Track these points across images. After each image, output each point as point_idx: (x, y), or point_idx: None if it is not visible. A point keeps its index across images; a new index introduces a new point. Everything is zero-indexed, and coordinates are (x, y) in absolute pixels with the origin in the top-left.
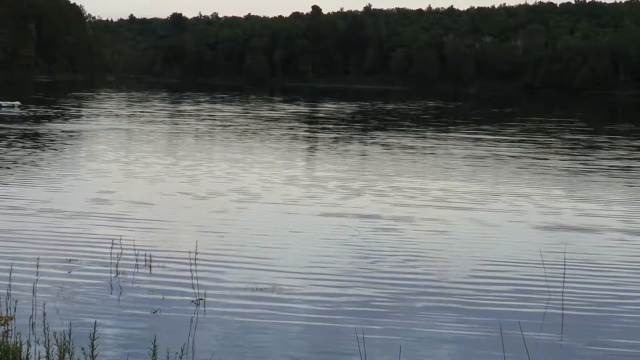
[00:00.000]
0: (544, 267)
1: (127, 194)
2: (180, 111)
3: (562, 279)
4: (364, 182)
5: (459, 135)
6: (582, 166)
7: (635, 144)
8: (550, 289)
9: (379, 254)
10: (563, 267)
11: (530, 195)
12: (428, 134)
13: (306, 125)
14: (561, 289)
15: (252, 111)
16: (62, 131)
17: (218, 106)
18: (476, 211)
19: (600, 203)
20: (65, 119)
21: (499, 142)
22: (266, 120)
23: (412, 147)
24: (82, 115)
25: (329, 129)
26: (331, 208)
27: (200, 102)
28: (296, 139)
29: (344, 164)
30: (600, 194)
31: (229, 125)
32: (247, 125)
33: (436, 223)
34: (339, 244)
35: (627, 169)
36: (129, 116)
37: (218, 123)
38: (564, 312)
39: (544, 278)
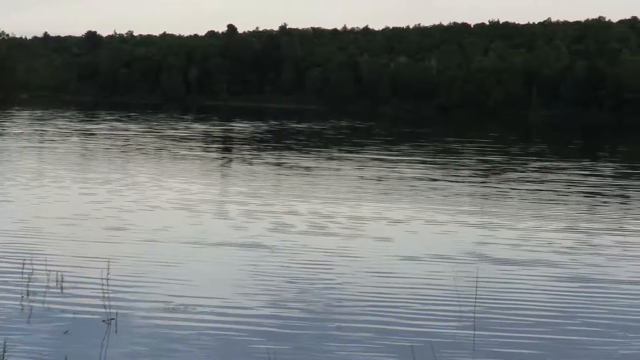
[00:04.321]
0: (457, 290)
1: (38, 212)
2: (89, 130)
3: (474, 300)
4: (271, 203)
5: (368, 155)
6: (494, 187)
7: (546, 164)
8: (462, 311)
9: (290, 275)
10: (475, 288)
11: (440, 217)
12: (336, 154)
13: (212, 145)
14: (473, 310)
15: (161, 130)
16: None
17: (129, 125)
18: (382, 233)
19: (511, 225)
20: None
21: (410, 163)
22: (174, 140)
23: (317, 168)
24: None
25: (233, 149)
26: (240, 227)
27: (112, 121)
28: (199, 159)
29: (244, 184)
30: (511, 216)
31: (139, 144)
32: (154, 144)
33: (345, 246)
34: (250, 264)
35: (538, 191)
36: (37, 134)
37: (127, 142)
38: (475, 332)
39: (456, 300)
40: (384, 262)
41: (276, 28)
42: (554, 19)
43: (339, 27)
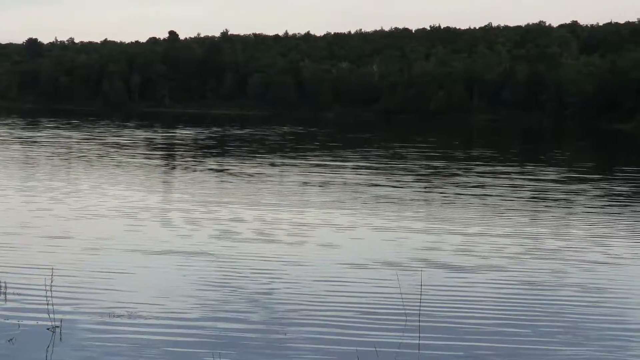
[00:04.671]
0: (402, 296)
1: None
2: (30, 137)
3: (419, 307)
4: (214, 211)
5: (312, 161)
6: (438, 193)
7: (489, 169)
8: (407, 318)
9: (235, 283)
10: (419, 294)
11: (384, 223)
12: (279, 160)
13: (154, 152)
14: (417, 316)
15: (103, 137)
16: None
17: (69, 132)
18: (327, 240)
19: (456, 230)
20: None
21: (354, 168)
22: (116, 147)
23: (260, 174)
24: None
25: (176, 156)
26: (184, 235)
27: (52, 128)
28: (141, 167)
29: (187, 192)
30: (456, 221)
31: (81, 152)
32: (96, 151)
33: (290, 254)
34: (194, 272)
35: (482, 196)
36: None
37: (69, 150)
38: (420, 340)
39: (401, 306)
40: (329, 269)
41: (218, 34)
42: (494, 24)
43: (281, 33)
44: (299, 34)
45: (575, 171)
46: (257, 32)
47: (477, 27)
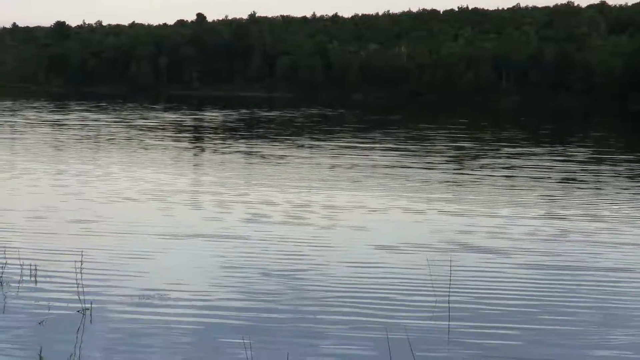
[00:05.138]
0: (431, 278)
1: (9, 205)
2: (59, 120)
3: (448, 289)
4: (244, 193)
5: (340, 143)
6: (467, 174)
7: (518, 150)
8: (437, 300)
9: (265, 266)
10: (449, 277)
11: (414, 205)
12: (307, 142)
13: (182, 135)
14: (447, 299)
15: (131, 120)
16: None
17: (97, 115)
18: (357, 222)
19: (486, 212)
20: None
21: (383, 150)
22: (144, 130)
23: (289, 156)
24: None
25: (204, 138)
26: (213, 218)
27: (81, 111)
28: (170, 149)
29: (216, 174)
30: (486, 203)
31: (109, 134)
32: (124, 134)
33: (320, 236)
34: (224, 255)
35: (511, 177)
36: (7, 126)
37: (98, 132)
38: (450, 321)
39: (431, 289)
40: (359, 252)
41: (245, 16)
42: (522, 5)
43: (308, 15)
44: (326, 15)
45: (604, 152)
46: (284, 14)
47: (505, 8)
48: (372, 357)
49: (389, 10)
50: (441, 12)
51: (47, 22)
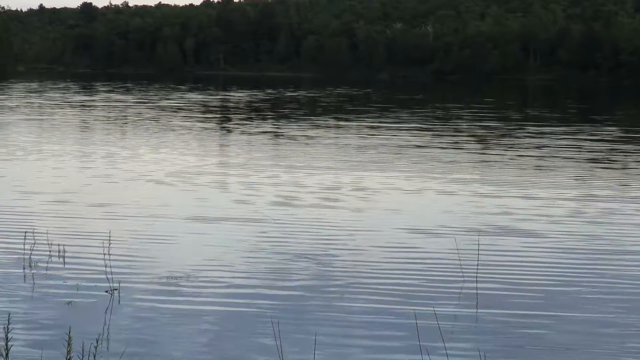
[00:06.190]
0: (460, 262)
1: (36, 187)
2: (85, 101)
3: (476, 272)
4: (271, 175)
5: (367, 124)
6: (496, 154)
7: (544, 129)
8: (465, 281)
9: (292, 244)
10: (477, 260)
11: (444, 186)
12: (334, 122)
13: (209, 115)
14: (475, 279)
15: (157, 101)
16: None
17: (124, 96)
18: (385, 204)
19: (515, 193)
20: None
21: (410, 130)
22: (170, 110)
23: (317, 137)
24: None
25: (231, 118)
26: (241, 200)
27: (108, 92)
28: (196, 130)
29: (244, 155)
30: (515, 184)
31: (136, 115)
32: (151, 115)
33: (348, 215)
34: (253, 233)
35: (541, 157)
36: (34, 107)
37: (124, 113)
38: (478, 300)
39: (459, 272)
40: (388, 235)
41: None
42: None
43: None
44: None
45: (633, 130)
46: None
47: None
48: (402, 343)
49: None
50: None
51: (74, 3)
